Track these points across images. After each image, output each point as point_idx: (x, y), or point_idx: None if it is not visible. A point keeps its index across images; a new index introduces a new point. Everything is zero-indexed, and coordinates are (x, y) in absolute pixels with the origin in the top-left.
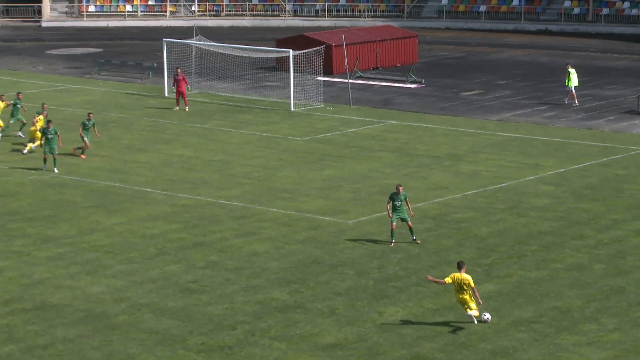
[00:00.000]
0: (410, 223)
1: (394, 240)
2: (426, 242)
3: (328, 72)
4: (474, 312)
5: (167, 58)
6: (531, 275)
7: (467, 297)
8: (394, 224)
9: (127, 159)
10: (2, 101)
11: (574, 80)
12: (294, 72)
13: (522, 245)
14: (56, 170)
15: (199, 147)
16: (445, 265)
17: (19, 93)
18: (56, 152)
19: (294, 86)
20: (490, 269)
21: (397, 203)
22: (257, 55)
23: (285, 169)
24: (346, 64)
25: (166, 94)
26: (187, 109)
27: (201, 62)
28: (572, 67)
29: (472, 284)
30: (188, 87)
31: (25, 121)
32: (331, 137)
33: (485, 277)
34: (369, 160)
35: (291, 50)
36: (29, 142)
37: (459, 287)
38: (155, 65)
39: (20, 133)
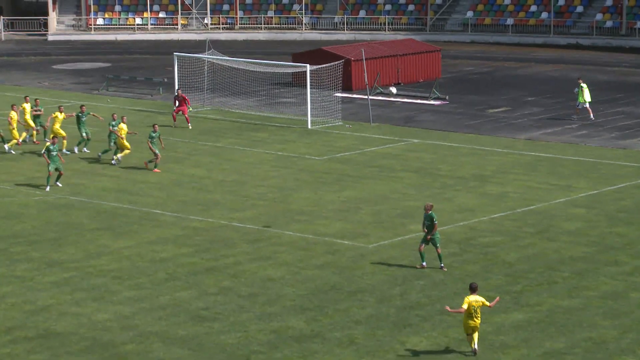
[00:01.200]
0: (439, 249)
1: (424, 263)
2: (451, 268)
3: (347, 88)
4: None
5: (178, 73)
6: (563, 303)
7: (477, 324)
8: (422, 245)
9: (136, 179)
10: (61, 112)
11: (586, 96)
12: (311, 88)
13: (552, 271)
14: (59, 184)
15: (211, 166)
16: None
17: (82, 106)
18: (62, 169)
19: (311, 103)
20: (519, 296)
21: (427, 222)
22: (272, 70)
23: (302, 190)
24: (366, 80)
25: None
26: (190, 127)
27: (214, 78)
28: (583, 82)
29: (487, 303)
30: (190, 108)
31: (89, 137)
32: (350, 156)
33: (513, 306)
34: (390, 180)
35: (308, 65)
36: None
37: (472, 312)
38: (165, 80)
39: (76, 149)
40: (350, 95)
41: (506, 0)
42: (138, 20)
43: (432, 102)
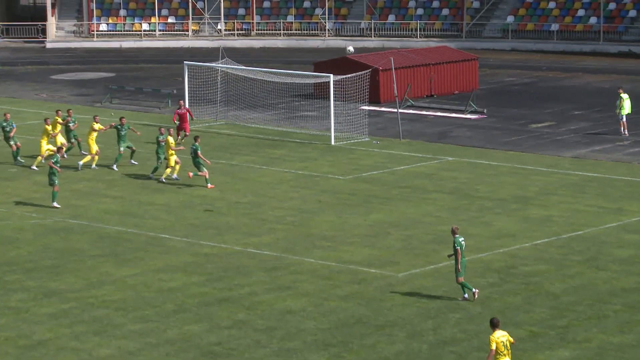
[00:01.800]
0: (461, 278)
1: (466, 295)
2: (489, 300)
3: (374, 100)
4: None
5: (188, 84)
6: (614, 340)
7: None
8: (459, 277)
9: (141, 200)
10: (97, 122)
11: (626, 108)
12: (334, 101)
13: (602, 304)
14: (55, 204)
15: (224, 186)
16: (512, 326)
17: (122, 118)
18: (57, 184)
19: (334, 116)
20: (565, 332)
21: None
22: (292, 81)
23: (325, 213)
24: (395, 91)
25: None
26: (183, 140)
27: (228, 89)
28: (624, 92)
29: (511, 339)
30: (192, 119)
31: (134, 148)
32: (378, 175)
33: (559, 342)
34: (422, 202)
35: (332, 75)
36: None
37: (502, 350)
38: (174, 92)
39: (133, 161)
40: (378, 109)
41: (551, 3)
42: (145, 26)
43: (468, 116)
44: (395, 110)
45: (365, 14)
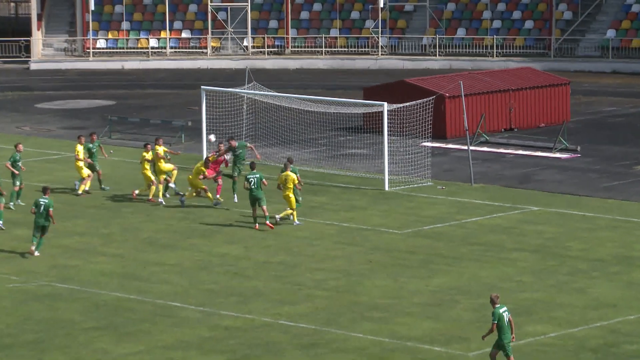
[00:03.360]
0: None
1: None
2: None
3: (439, 135)
4: None
5: (206, 114)
6: None
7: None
8: (494, 351)
9: (147, 260)
10: (148, 151)
11: None
12: (389, 135)
13: None
14: (37, 254)
15: (250, 242)
16: None
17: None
18: (46, 231)
19: (389, 155)
20: None
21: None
22: (335, 111)
23: (376, 276)
24: (466, 124)
25: None
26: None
27: (256, 120)
28: None
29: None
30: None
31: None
32: (443, 229)
33: None
34: (499, 263)
35: (385, 104)
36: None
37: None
38: (189, 124)
39: (161, 200)
40: (443, 146)
41: None
42: (153, 43)
43: (557, 154)
44: (466, 147)
45: (428, 27)
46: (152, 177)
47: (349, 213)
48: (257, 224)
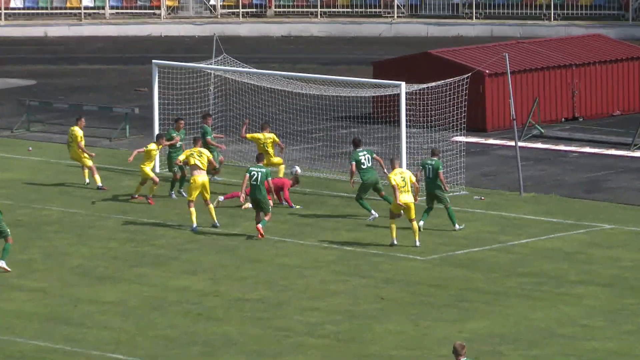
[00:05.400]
0: None
1: None
2: None
3: (476, 126)
4: None
5: (159, 97)
6: None
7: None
8: None
9: (79, 296)
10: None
11: None
12: (408, 127)
13: None
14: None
15: (220, 272)
16: None
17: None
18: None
19: (408, 154)
20: None
21: None
22: (335, 94)
23: (390, 319)
24: (512, 112)
25: (157, 169)
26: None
27: (227, 106)
28: None
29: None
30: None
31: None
32: (481, 254)
33: None
34: (559, 301)
35: (403, 84)
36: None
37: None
38: (136, 111)
39: (173, 194)
40: (482, 141)
41: None
42: (87, 1)
43: (638, 153)
44: (513, 143)
45: None
46: (152, 175)
47: (354, 233)
48: (259, 227)
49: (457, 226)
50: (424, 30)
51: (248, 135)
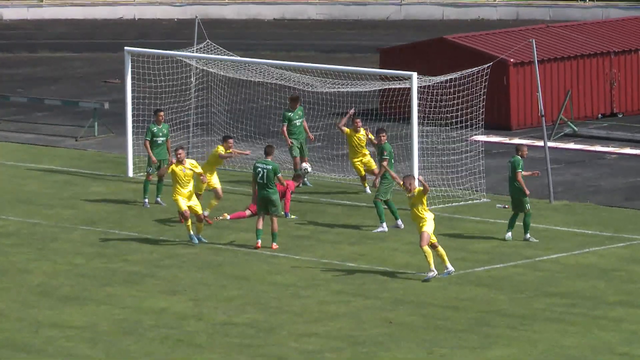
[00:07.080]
0: None
1: None
2: None
3: (499, 123)
4: None
5: (132, 90)
6: None
7: None
8: None
9: (40, 320)
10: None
11: None
12: (421, 125)
13: None
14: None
15: (202, 292)
16: None
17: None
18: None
19: (420, 156)
20: None
21: None
22: (336, 90)
23: (400, 345)
24: (541, 107)
25: (130, 173)
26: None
27: (210, 99)
28: None
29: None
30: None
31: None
32: (505, 272)
33: None
34: (594, 326)
35: (415, 75)
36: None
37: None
38: (106, 106)
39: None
40: (506, 140)
41: None
42: None
43: None
44: (541, 143)
45: None
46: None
47: (357, 246)
48: (258, 241)
49: (527, 235)
50: (439, 13)
51: (347, 130)
